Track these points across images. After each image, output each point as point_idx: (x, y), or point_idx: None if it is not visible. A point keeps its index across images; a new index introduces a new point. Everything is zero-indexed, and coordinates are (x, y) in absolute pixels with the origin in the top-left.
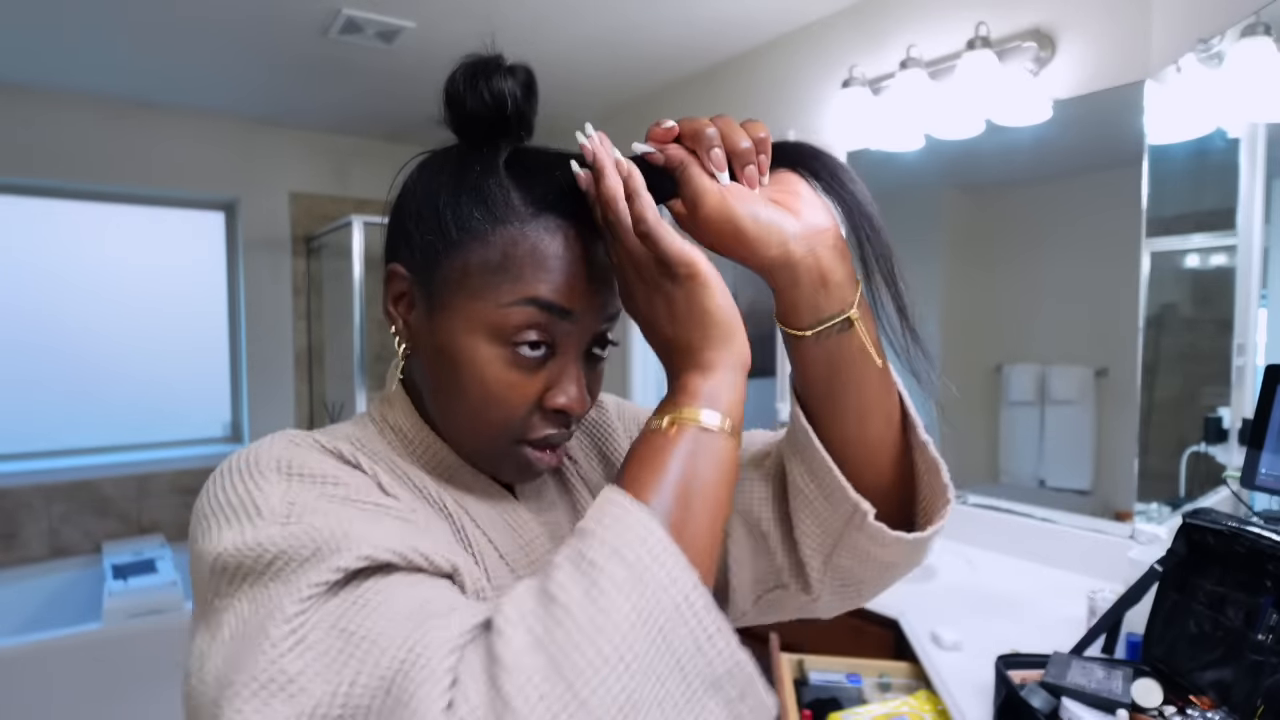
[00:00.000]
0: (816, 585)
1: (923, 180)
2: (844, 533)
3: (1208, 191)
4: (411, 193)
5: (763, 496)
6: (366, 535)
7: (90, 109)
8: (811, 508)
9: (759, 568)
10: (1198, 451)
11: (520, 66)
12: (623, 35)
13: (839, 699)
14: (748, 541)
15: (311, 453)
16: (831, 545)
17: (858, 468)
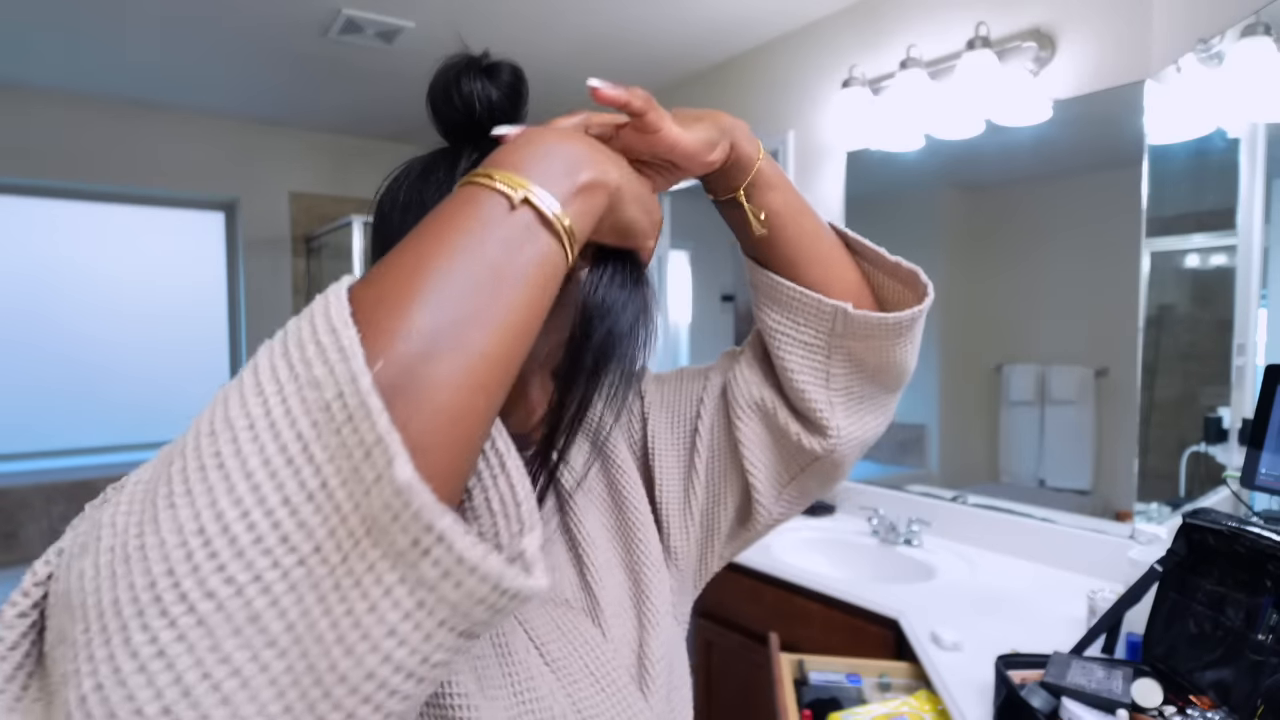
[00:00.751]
0: (828, 420)
1: (923, 180)
2: (830, 346)
3: (1208, 191)
4: (379, 206)
5: (758, 379)
6: None
7: (90, 109)
8: (794, 339)
9: (777, 456)
10: (1198, 451)
11: (504, 65)
12: (623, 35)
13: (839, 699)
14: (761, 433)
15: None
16: (825, 366)
17: (825, 291)
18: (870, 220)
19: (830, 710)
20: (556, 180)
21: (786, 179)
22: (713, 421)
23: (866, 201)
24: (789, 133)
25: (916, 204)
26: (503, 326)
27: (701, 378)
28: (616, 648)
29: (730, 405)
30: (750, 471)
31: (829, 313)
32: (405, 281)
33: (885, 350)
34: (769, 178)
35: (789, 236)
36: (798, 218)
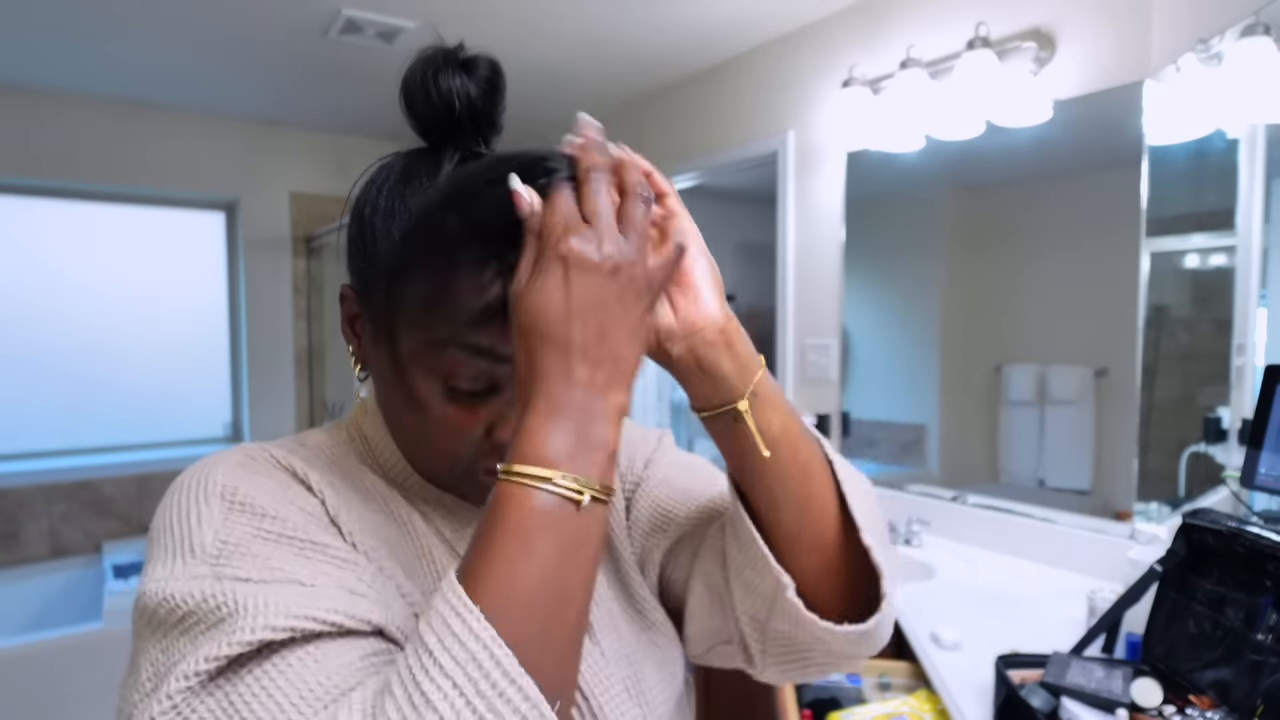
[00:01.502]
0: (758, 658)
1: (923, 180)
2: (774, 601)
3: (1207, 191)
4: (355, 210)
5: (716, 557)
6: (281, 599)
7: (91, 109)
8: (741, 576)
9: (712, 624)
10: (1197, 451)
11: (482, 59)
12: (622, 35)
13: (839, 699)
14: (707, 598)
15: (258, 477)
16: (766, 613)
17: (796, 538)
18: (870, 221)
19: (830, 710)
20: (590, 459)
21: (787, 400)
22: (677, 543)
23: (867, 202)
24: (788, 133)
25: (916, 204)
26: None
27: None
28: (610, 661)
29: (697, 555)
30: (687, 620)
31: (772, 577)
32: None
33: (827, 640)
34: (771, 391)
35: (778, 468)
36: (794, 446)
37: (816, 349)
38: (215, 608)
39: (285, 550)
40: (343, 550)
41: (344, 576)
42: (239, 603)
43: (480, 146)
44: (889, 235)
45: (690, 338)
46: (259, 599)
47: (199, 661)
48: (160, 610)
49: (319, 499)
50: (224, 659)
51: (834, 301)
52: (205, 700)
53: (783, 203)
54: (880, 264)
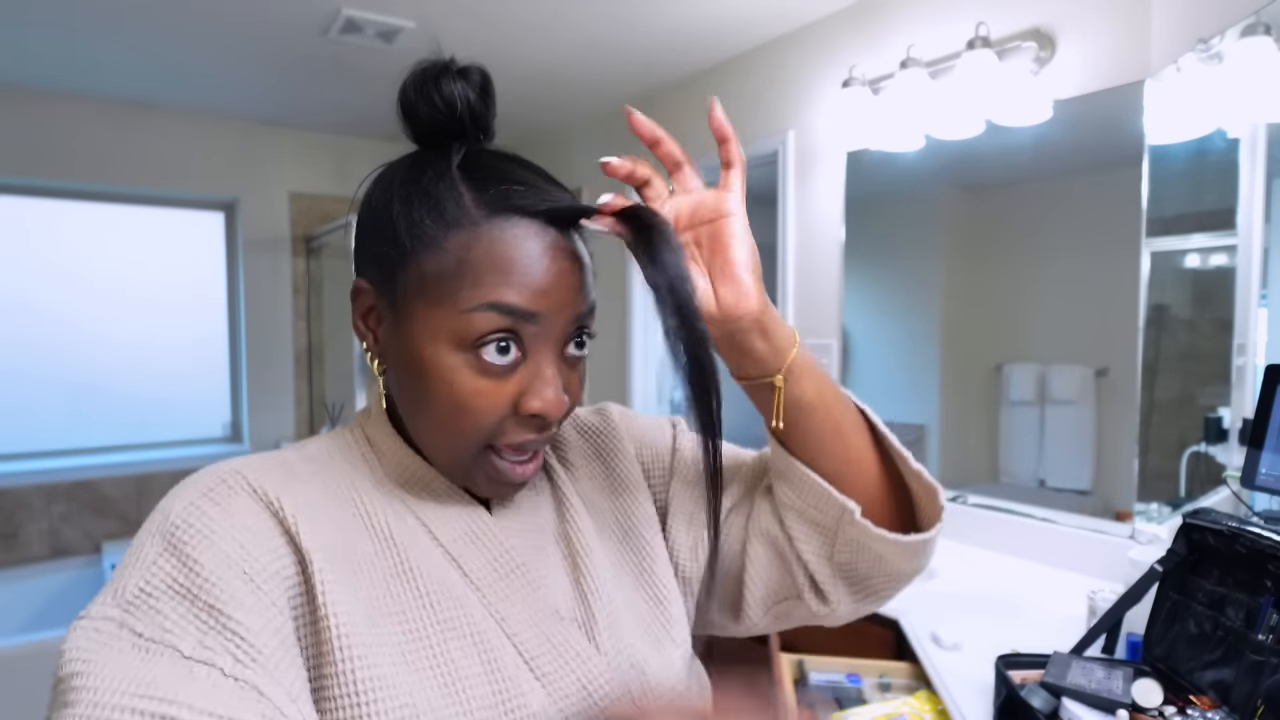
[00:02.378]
0: (830, 591)
1: (923, 180)
2: (838, 531)
3: (1208, 191)
4: (368, 205)
5: (771, 512)
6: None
7: (91, 109)
8: (804, 517)
9: (774, 581)
10: (1198, 451)
11: (474, 68)
12: (622, 35)
13: (839, 699)
14: (769, 559)
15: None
16: (830, 545)
17: (838, 485)
18: (871, 220)
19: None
20: None
21: (822, 369)
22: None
23: (867, 202)
24: (789, 133)
25: (917, 204)
26: None
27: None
28: (612, 666)
29: (749, 519)
30: (747, 584)
31: (837, 506)
32: None
33: (890, 557)
34: (806, 365)
35: (815, 428)
36: (828, 409)
37: (816, 349)
38: (69, 688)
39: (185, 611)
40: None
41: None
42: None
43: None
44: (889, 235)
45: (727, 324)
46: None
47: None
48: (59, 662)
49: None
50: None
51: (834, 301)
52: None
53: (783, 203)
54: (880, 264)
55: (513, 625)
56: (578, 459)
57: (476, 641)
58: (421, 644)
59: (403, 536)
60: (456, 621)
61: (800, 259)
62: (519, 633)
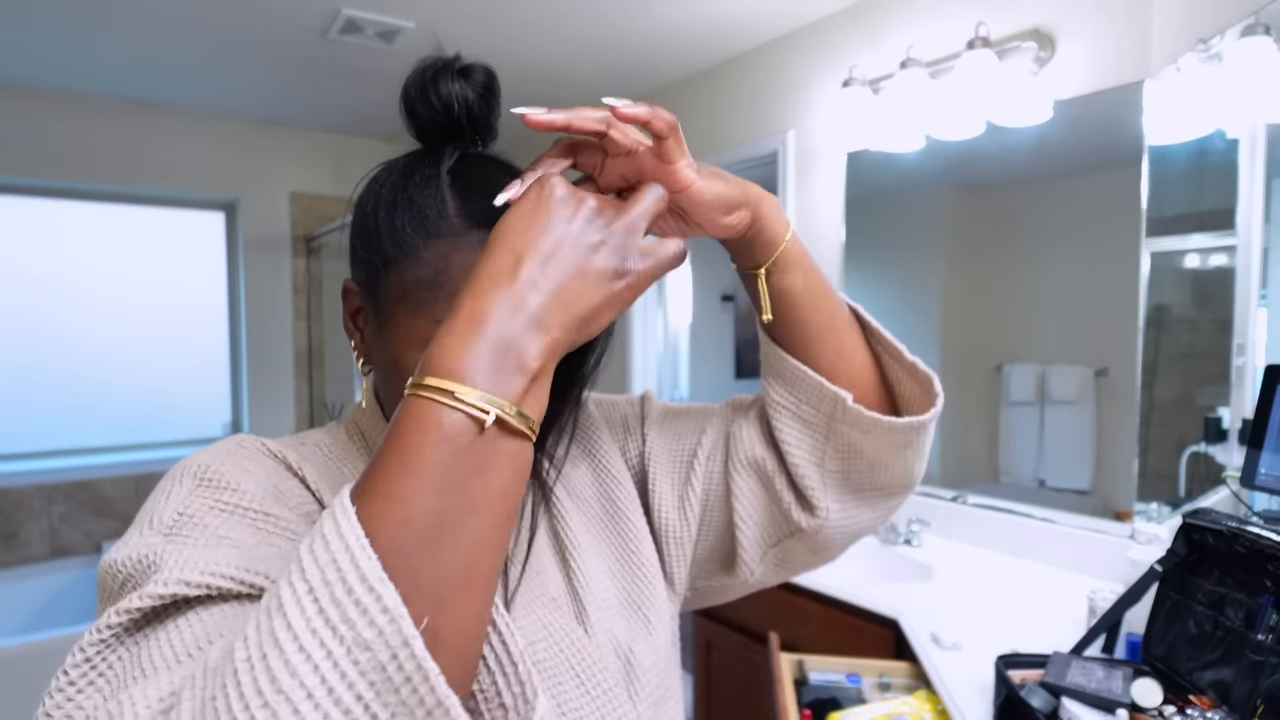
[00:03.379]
0: (819, 500)
1: (923, 180)
2: (829, 429)
3: (1208, 191)
4: (359, 207)
5: (761, 439)
6: (205, 559)
7: (91, 109)
8: (794, 415)
9: (766, 517)
10: (1198, 451)
11: (478, 67)
12: (622, 35)
13: (839, 699)
14: (755, 490)
15: (241, 459)
16: (821, 448)
17: (833, 378)
18: (870, 221)
19: (830, 710)
20: (508, 379)
21: (811, 261)
22: (709, 461)
23: (867, 202)
24: (788, 133)
25: (917, 204)
26: (496, 545)
27: (707, 416)
28: (603, 652)
29: (730, 456)
30: (739, 525)
31: (829, 396)
32: (414, 525)
33: (885, 449)
34: (793, 258)
35: (805, 319)
36: (817, 301)
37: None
38: (146, 567)
39: (238, 521)
40: (296, 524)
41: (289, 547)
42: (161, 560)
43: (478, 148)
44: (889, 235)
45: (753, 207)
46: (182, 557)
47: (113, 615)
48: (106, 576)
49: (311, 489)
50: (136, 612)
51: None
52: (118, 651)
53: (783, 203)
54: (880, 264)
55: (511, 612)
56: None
57: None
58: None
59: None
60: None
61: None
62: (515, 619)
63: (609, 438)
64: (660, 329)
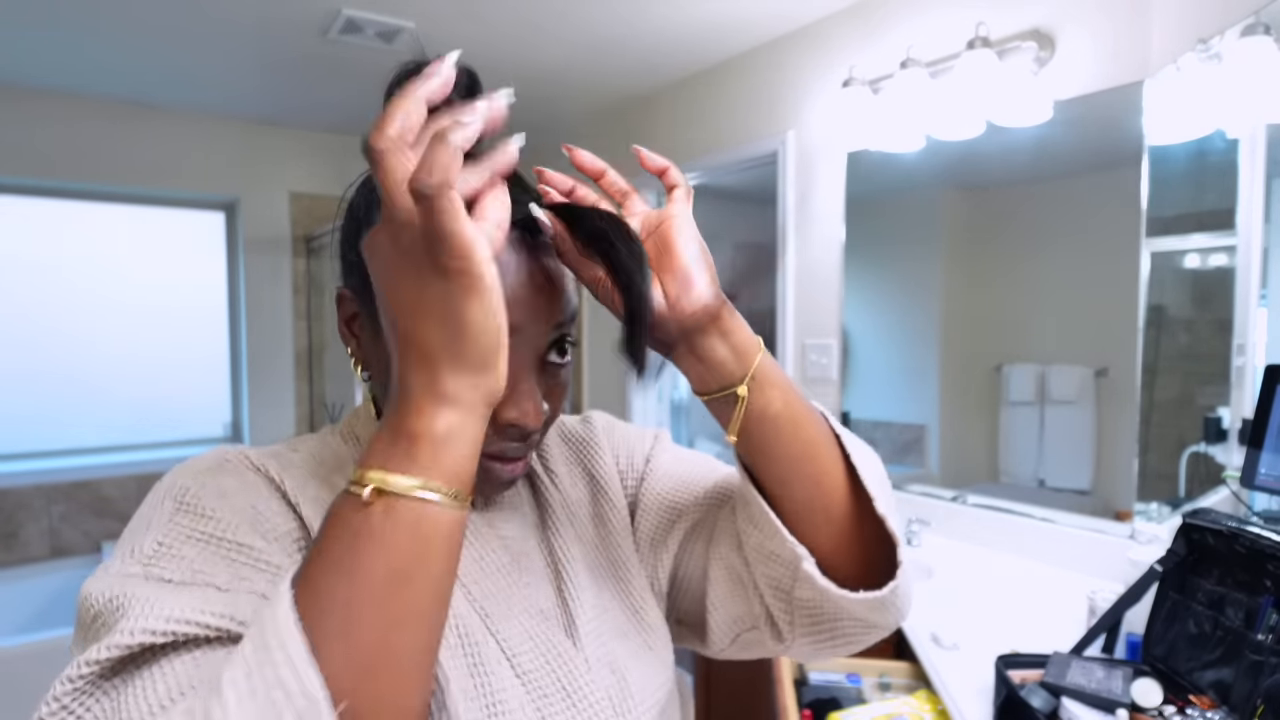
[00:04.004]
0: (786, 631)
1: (923, 180)
2: (798, 568)
3: (1208, 191)
4: (349, 213)
5: (732, 538)
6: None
7: (90, 109)
8: (762, 549)
9: (736, 609)
10: (1198, 451)
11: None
12: (622, 35)
13: (839, 699)
14: (727, 583)
15: (223, 478)
16: (790, 580)
17: (807, 515)
18: (870, 221)
19: (830, 710)
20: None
21: (788, 379)
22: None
23: (867, 202)
24: (789, 133)
25: (917, 204)
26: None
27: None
28: (592, 666)
29: (711, 541)
30: (709, 609)
31: (790, 551)
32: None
33: (851, 607)
34: (771, 374)
35: (783, 448)
36: (797, 425)
37: (816, 349)
38: (115, 609)
39: (212, 552)
40: (272, 554)
41: (260, 581)
42: (129, 605)
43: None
44: (889, 235)
45: (682, 322)
46: (149, 603)
47: (82, 665)
48: (82, 607)
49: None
50: (107, 661)
51: (834, 301)
52: (96, 697)
53: (783, 203)
54: (880, 264)
55: (496, 621)
56: (560, 466)
57: (460, 633)
58: None
59: None
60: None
61: (800, 259)
62: (502, 629)
63: (612, 465)
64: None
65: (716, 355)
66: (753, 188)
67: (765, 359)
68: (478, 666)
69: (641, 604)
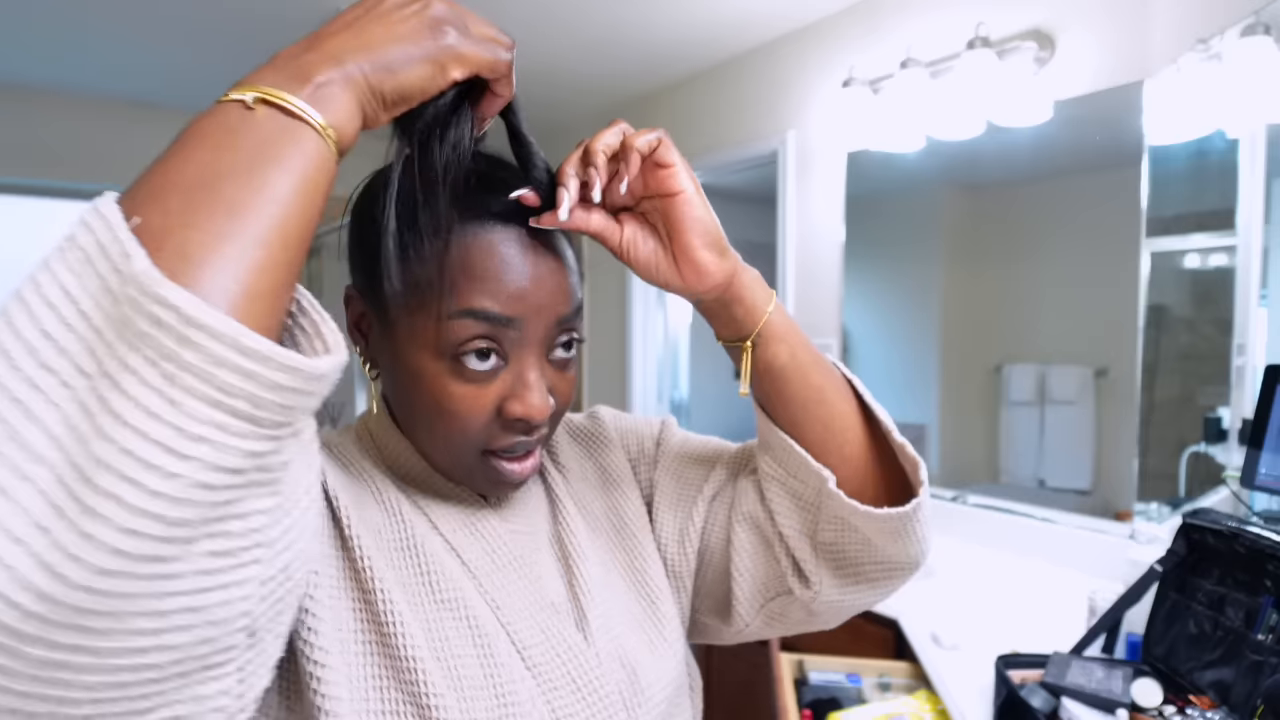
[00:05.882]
0: (813, 573)
1: (923, 180)
2: (820, 503)
3: (1208, 191)
4: (356, 212)
5: (756, 497)
6: None
7: (91, 109)
8: (784, 487)
9: (763, 573)
10: (1198, 451)
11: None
12: (623, 35)
13: (839, 699)
14: (754, 545)
15: None
16: (813, 520)
17: (822, 453)
18: (871, 220)
19: (830, 710)
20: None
21: (798, 332)
22: (713, 502)
23: (867, 201)
24: (789, 133)
25: (917, 204)
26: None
27: (720, 455)
28: (603, 660)
29: (734, 505)
30: (735, 577)
31: (815, 474)
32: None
33: (874, 533)
34: (778, 329)
35: (792, 393)
36: (805, 375)
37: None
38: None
39: None
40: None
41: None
42: None
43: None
44: (889, 235)
45: (695, 295)
46: None
47: None
48: None
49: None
50: None
51: (834, 301)
52: None
53: (783, 203)
54: (880, 264)
55: (507, 614)
56: (570, 461)
57: (472, 625)
58: (420, 616)
59: (409, 515)
60: (454, 603)
61: (800, 259)
62: (513, 622)
63: (623, 456)
64: (660, 329)
65: (729, 313)
66: (753, 188)
67: (774, 316)
68: (489, 659)
69: (657, 594)
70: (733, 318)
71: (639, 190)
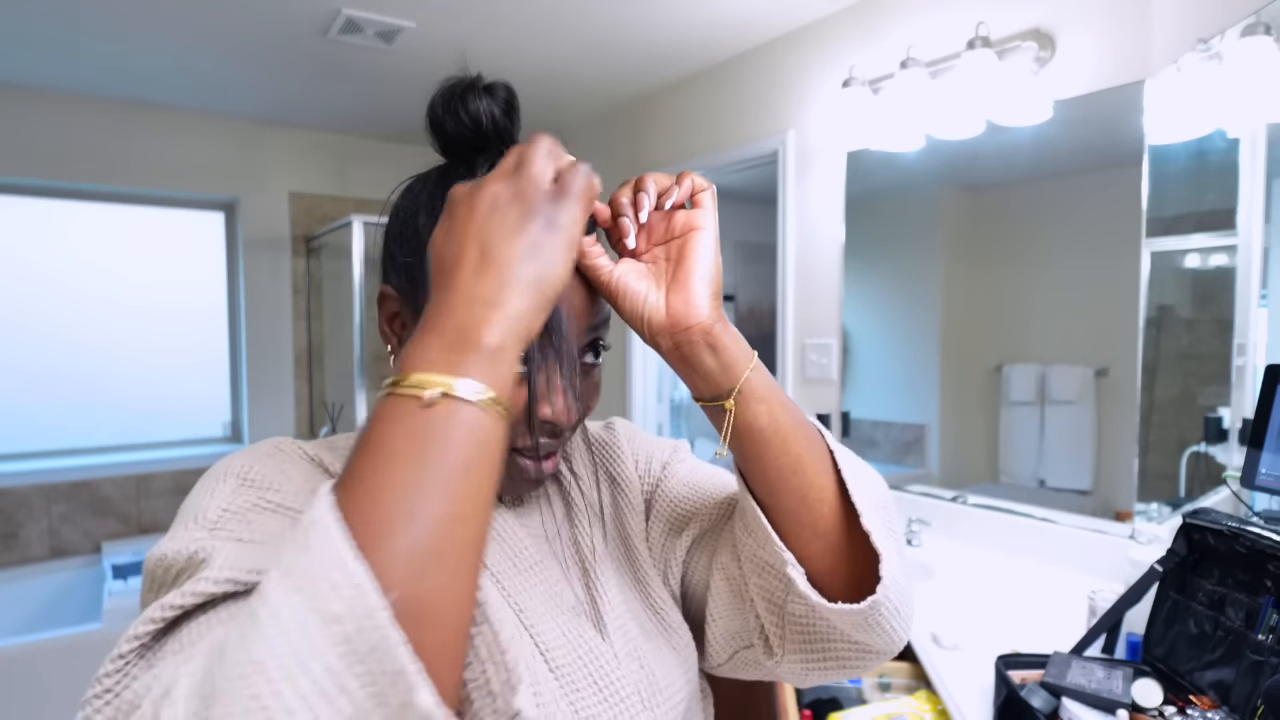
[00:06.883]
0: (776, 643)
1: (923, 180)
2: (788, 588)
3: (1208, 191)
4: (396, 214)
5: (732, 555)
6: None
7: (91, 109)
8: (756, 557)
9: (734, 624)
10: (1198, 451)
11: (499, 84)
12: (623, 35)
13: (839, 699)
14: (726, 595)
15: (281, 461)
16: (782, 595)
17: (794, 526)
18: (870, 220)
19: (830, 710)
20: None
21: (780, 394)
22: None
23: (867, 201)
24: (789, 133)
25: (917, 204)
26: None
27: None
28: (621, 660)
29: (715, 552)
30: (709, 620)
31: (778, 555)
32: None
33: (841, 623)
34: (758, 389)
35: (770, 458)
36: (784, 440)
37: (816, 349)
38: (199, 562)
39: (280, 518)
40: None
41: None
42: (212, 557)
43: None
44: (889, 235)
45: (675, 334)
46: (231, 554)
47: (162, 609)
48: (156, 569)
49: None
50: (191, 597)
51: (834, 301)
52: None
53: (783, 202)
54: (880, 264)
55: (530, 617)
56: (583, 469)
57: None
58: None
59: None
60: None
61: (800, 259)
62: (536, 624)
63: (632, 467)
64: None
65: (705, 366)
66: (753, 188)
67: (755, 375)
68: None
69: (661, 605)
70: (707, 369)
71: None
